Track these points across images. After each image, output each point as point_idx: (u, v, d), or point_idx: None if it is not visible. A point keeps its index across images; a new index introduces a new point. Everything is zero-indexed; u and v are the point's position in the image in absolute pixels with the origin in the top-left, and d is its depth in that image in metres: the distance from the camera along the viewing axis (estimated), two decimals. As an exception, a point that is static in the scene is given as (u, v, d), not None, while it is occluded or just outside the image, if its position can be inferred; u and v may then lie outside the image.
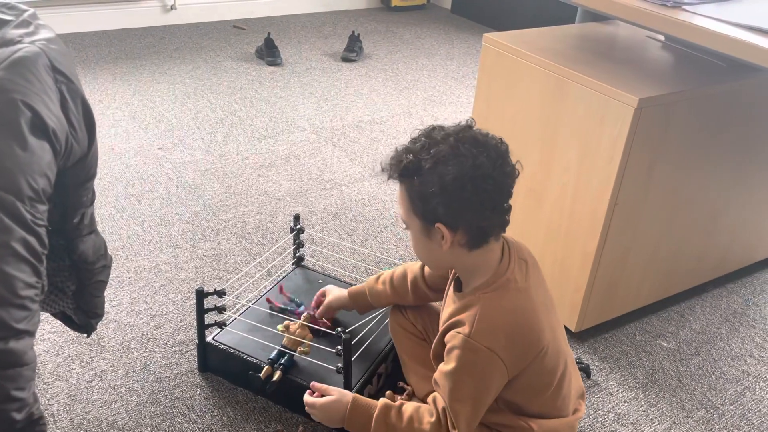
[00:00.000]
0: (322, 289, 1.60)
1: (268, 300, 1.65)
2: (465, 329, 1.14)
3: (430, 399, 1.22)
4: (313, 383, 1.34)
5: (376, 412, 1.23)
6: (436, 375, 1.21)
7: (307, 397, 1.33)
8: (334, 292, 1.57)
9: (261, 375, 1.44)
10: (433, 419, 1.19)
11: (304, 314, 1.59)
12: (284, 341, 1.51)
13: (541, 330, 1.17)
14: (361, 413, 1.25)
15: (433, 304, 1.52)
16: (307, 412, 1.34)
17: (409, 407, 1.23)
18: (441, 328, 1.23)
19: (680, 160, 1.63)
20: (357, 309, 1.55)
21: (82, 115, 1.07)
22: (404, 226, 1.22)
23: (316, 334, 1.55)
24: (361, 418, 1.24)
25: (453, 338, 1.16)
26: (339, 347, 1.40)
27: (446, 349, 1.18)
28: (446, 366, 1.17)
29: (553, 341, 1.20)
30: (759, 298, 2.02)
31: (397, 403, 1.25)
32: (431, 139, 1.14)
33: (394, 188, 2.54)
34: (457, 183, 1.09)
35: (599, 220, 1.58)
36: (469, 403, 1.16)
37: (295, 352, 1.49)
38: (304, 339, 1.50)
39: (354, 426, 1.25)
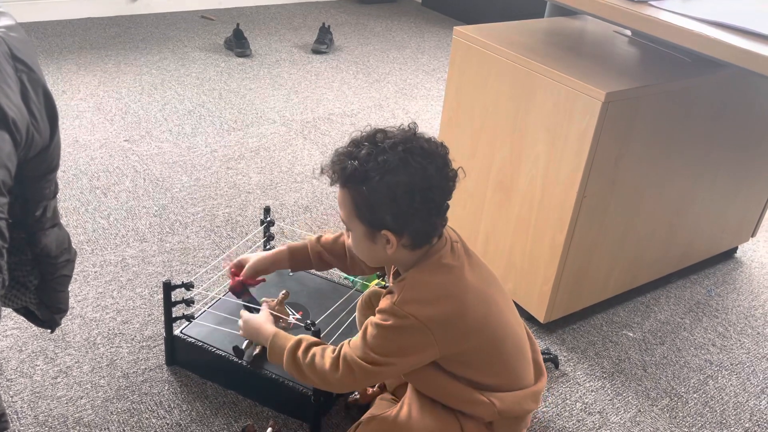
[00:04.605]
0: (237, 260, 1.50)
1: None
2: (394, 297, 1.17)
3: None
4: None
5: (289, 345, 1.26)
6: (366, 321, 1.22)
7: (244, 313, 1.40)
8: (256, 256, 1.49)
9: (243, 346, 1.47)
10: (334, 355, 1.21)
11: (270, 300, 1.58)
12: None
13: (472, 303, 1.18)
14: (280, 343, 1.28)
15: None
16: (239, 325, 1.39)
17: (319, 346, 1.26)
18: None
19: (646, 154, 1.66)
20: (292, 267, 1.48)
21: (44, 105, 1.05)
22: (345, 227, 1.22)
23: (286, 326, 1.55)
24: (280, 346, 1.28)
25: (383, 301, 1.19)
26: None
27: (377, 309, 1.20)
28: (375, 319, 1.18)
29: (497, 314, 1.23)
30: (721, 289, 2.07)
31: (312, 340, 1.28)
32: (376, 146, 1.13)
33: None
34: (407, 195, 1.10)
35: (567, 212, 1.60)
36: (378, 359, 1.16)
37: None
38: (286, 316, 1.50)
39: (273, 354, 1.29)
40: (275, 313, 1.49)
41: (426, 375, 1.23)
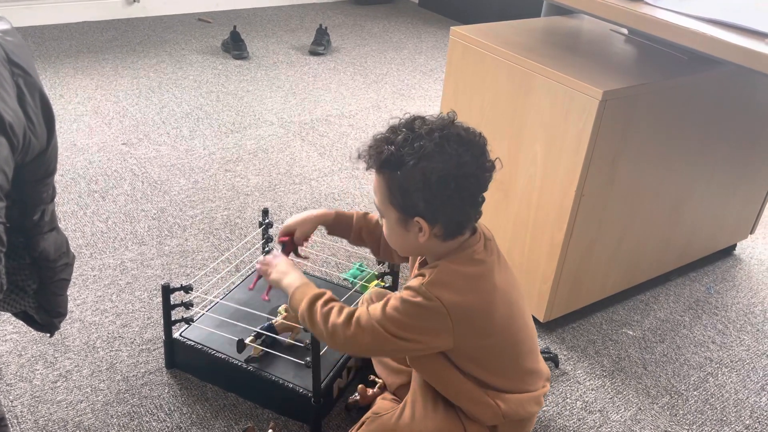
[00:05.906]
0: (283, 227, 1.45)
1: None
2: (424, 278, 1.16)
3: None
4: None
5: (313, 292, 1.24)
6: (390, 294, 1.21)
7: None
8: (301, 218, 1.44)
9: (247, 340, 1.47)
10: (350, 312, 1.19)
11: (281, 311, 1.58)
12: (276, 322, 1.52)
13: (498, 302, 1.19)
14: (305, 289, 1.25)
15: None
16: (262, 265, 1.33)
17: (340, 304, 1.23)
18: None
19: (643, 152, 1.66)
20: (330, 229, 1.45)
21: (41, 109, 1.05)
22: (378, 214, 1.22)
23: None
24: (303, 291, 1.25)
25: (413, 281, 1.18)
26: (308, 341, 1.39)
27: (405, 286, 1.19)
28: (401, 293, 1.18)
29: (518, 317, 1.23)
30: (720, 286, 2.07)
31: (335, 297, 1.26)
32: (414, 132, 1.13)
33: (364, 182, 2.52)
34: (441, 181, 1.10)
35: (566, 211, 1.60)
36: (392, 330, 1.15)
37: (280, 336, 1.51)
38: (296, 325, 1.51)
39: (294, 299, 1.25)
40: (287, 323, 1.51)
41: (436, 366, 1.22)
